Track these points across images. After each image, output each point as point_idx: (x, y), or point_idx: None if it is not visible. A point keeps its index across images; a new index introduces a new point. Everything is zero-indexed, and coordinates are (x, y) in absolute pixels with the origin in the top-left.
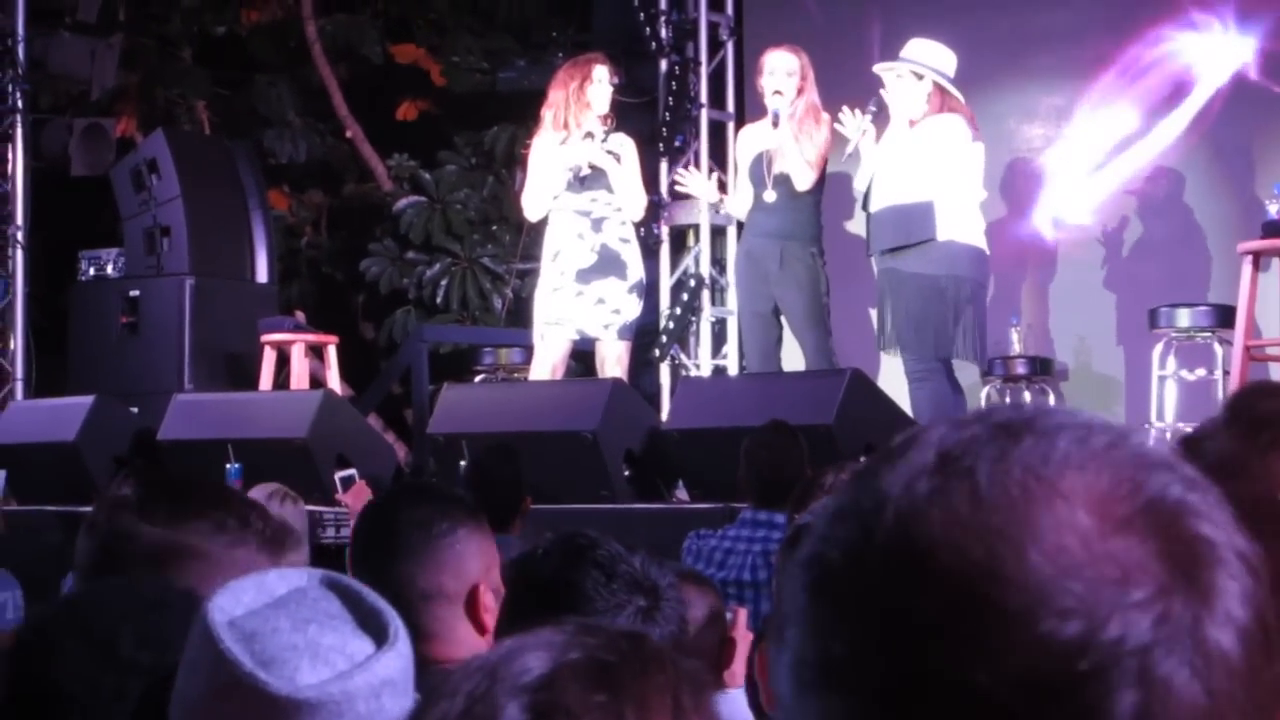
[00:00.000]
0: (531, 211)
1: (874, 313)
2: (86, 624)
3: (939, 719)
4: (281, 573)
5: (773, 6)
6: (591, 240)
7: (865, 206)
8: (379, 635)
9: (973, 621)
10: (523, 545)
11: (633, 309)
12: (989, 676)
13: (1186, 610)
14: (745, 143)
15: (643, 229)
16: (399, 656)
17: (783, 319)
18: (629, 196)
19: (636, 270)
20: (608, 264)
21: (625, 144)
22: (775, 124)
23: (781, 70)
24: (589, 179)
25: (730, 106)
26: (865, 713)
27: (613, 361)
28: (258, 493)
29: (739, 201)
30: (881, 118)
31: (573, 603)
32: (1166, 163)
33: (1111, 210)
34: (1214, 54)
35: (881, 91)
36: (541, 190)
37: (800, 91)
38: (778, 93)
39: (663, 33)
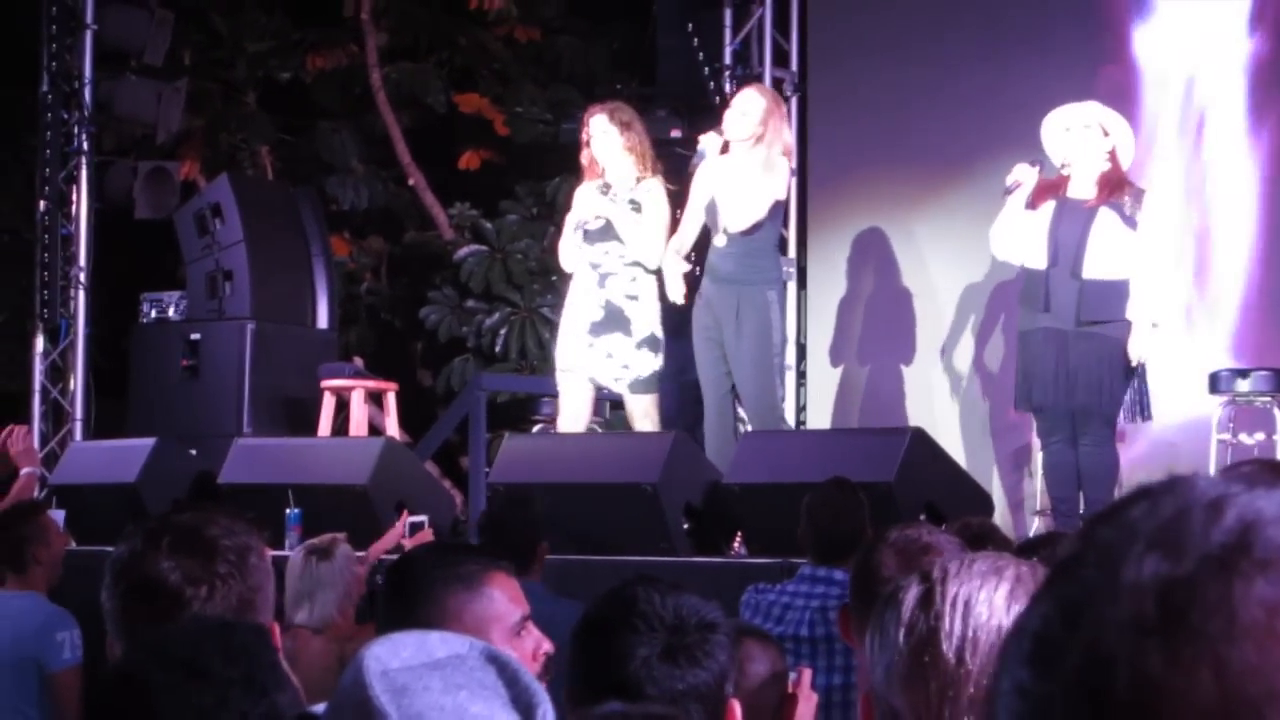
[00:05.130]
0: (562, 261)
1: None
2: (171, 655)
3: None
4: (444, 636)
5: (836, 63)
6: (597, 296)
7: (1040, 265)
8: (526, 715)
9: None
10: (545, 590)
11: (643, 364)
12: None
13: None
14: (701, 182)
15: None
16: None
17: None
18: (643, 245)
19: (645, 326)
20: (613, 320)
21: (651, 190)
22: (698, 161)
23: (737, 108)
24: (595, 233)
25: (794, 162)
26: None
27: (640, 415)
28: (297, 550)
29: (684, 239)
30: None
31: (606, 641)
32: (1225, 225)
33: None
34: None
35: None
36: (566, 241)
37: (760, 133)
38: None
39: (726, 87)
